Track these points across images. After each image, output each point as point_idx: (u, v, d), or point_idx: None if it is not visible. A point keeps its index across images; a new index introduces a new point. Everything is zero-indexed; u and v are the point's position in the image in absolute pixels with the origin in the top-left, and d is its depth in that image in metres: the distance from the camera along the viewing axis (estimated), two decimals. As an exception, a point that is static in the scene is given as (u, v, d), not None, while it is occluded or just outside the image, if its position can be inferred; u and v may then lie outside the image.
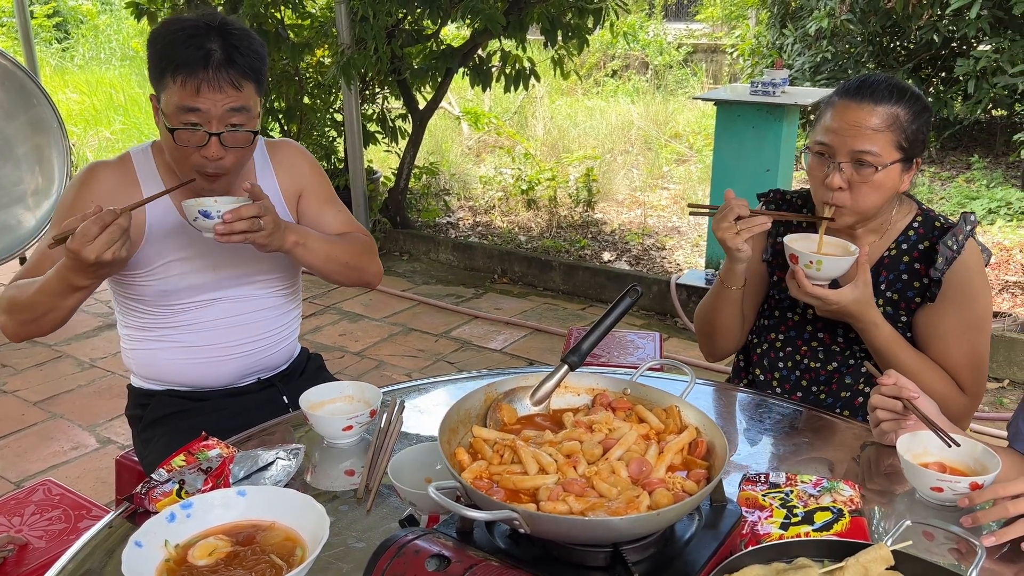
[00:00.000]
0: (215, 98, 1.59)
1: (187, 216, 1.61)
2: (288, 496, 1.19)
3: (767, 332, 1.87)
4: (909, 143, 1.62)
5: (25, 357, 3.93)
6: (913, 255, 1.71)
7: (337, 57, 4.88)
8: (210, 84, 1.58)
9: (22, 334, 1.70)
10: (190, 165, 1.66)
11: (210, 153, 1.62)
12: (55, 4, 12.16)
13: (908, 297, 1.71)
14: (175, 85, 1.59)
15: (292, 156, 1.94)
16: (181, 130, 1.61)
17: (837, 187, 1.62)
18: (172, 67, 1.59)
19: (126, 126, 8.48)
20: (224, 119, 1.61)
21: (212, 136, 1.61)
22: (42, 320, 1.65)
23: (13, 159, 4.61)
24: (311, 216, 1.94)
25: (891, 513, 1.30)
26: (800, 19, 7.08)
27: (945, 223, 1.70)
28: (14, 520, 1.83)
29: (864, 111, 1.60)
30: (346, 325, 4.34)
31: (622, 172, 6.70)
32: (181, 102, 1.59)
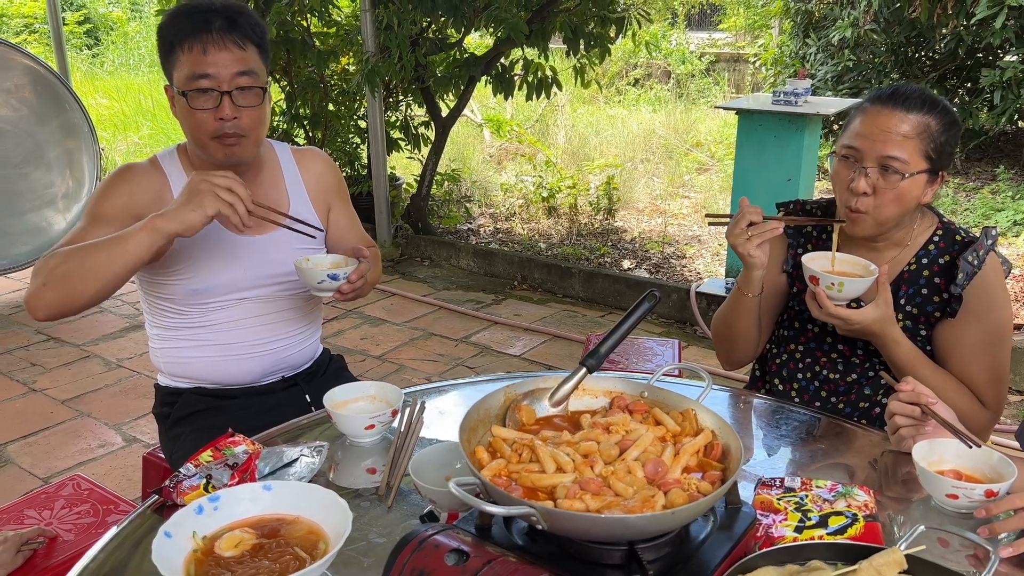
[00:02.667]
0: (221, 58, 1.68)
1: (307, 280, 1.73)
2: (313, 491, 1.22)
3: (786, 343, 1.88)
4: (937, 155, 1.62)
5: (54, 356, 4.01)
6: (933, 269, 1.70)
7: (362, 65, 4.94)
8: (215, 44, 1.68)
9: (58, 300, 1.61)
10: (208, 134, 1.72)
11: (224, 113, 1.70)
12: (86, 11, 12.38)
13: (928, 312, 1.71)
14: (184, 54, 1.69)
15: (320, 164, 2.01)
16: (194, 93, 1.68)
17: (862, 191, 1.61)
18: (179, 39, 1.69)
19: (154, 131, 8.62)
20: (233, 81, 1.69)
21: (224, 96, 1.69)
22: (90, 276, 1.58)
23: (44, 163, 4.71)
24: (341, 229, 2.03)
25: (906, 519, 1.31)
26: (823, 29, 7.08)
27: (966, 236, 1.70)
28: (44, 513, 1.87)
29: (896, 117, 1.60)
30: (367, 329, 4.39)
31: (643, 180, 6.71)
32: (192, 69, 1.68)
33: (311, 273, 1.72)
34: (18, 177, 4.61)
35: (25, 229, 4.67)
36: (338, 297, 1.75)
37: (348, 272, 1.73)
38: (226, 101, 1.69)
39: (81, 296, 1.61)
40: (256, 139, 1.78)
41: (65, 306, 1.63)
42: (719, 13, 11.39)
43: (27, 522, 1.83)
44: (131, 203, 1.76)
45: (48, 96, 4.71)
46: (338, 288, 1.73)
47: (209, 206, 1.54)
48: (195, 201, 1.54)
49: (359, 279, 1.74)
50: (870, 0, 6.15)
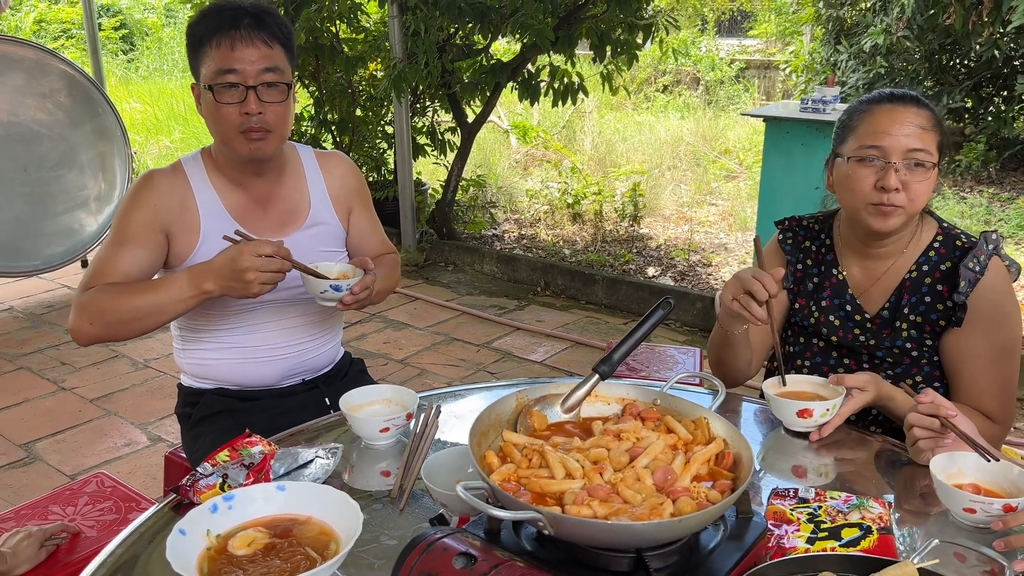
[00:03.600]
0: (248, 54, 1.71)
1: (311, 290, 1.75)
2: (325, 492, 1.23)
3: (793, 359, 1.85)
4: (945, 147, 1.66)
5: (83, 356, 4.09)
6: (935, 276, 1.68)
7: (389, 71, 4.98)
8: (243, 40, 1.71)
9: (104, 337, 1.73)
10: (234, 128, 1.75)
11: (249, 108, 1.73)
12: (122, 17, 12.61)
13: (932, 320, 1.68)
14: (212, 50, 1.72)
15: (342, 168, 2.03)
16: (221, 87, 1.72)
17: (894, 187, 1.59)
18: (208, 35, 1.73)
19: (185, 135, 8.75)
20: (259, 77, 1.73)
21: (249, 90, 1.72)
22: (137, 323, 1.70)
23: (78, 165, 4.81)
24: (361, 233, 2.04)
25: (923, 533, 1.29)
26: (855, 36, 7.01)
27: (967, 242, 1.68)
28: (68, 510, 1.91)
29: (911, 112, 1.62)
30: (390, 333, 4.42)
31: (670, 188, 6.69)
32: (219, 65, 1.72)
33: (315, 283, 1.73)
34: (52, 179, 4.70)
35: (58, 230, 4.76)
36: (340, 308, 1.77)
37: (352, 284, 1.74)
38: (251, 96, 1.72)
39: (124, 337, 1.77)
40: (280, 135, 1.81)
41: (108, 341, 1.79)
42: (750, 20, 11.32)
43: (51, 518, 1.87)
44: (155, 217, 1.80)
45: (82, 100, 4.80)
46: (341, 299, 1.74)
47: (255, 291, 1.63)
48: (242, 285, 1.62)
49: (362, 291, 1.75)
50: (903, 7, 6.09)
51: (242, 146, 1.77)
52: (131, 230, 1.78)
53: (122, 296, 1.70)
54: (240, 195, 1.87)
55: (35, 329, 4.45)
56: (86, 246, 4.88)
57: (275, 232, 1.86)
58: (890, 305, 1.72)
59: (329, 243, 1.97)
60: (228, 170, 1.86)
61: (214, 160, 1.88)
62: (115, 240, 1.79)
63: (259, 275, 1.60)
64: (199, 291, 1.65)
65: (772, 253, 1.89)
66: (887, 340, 1.71)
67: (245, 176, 1.86)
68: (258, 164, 1.84)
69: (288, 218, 1.91)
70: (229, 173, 1.86)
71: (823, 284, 1.80)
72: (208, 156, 1.89)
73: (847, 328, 1.76)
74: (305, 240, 1.88)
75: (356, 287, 1.74)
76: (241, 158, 1.80)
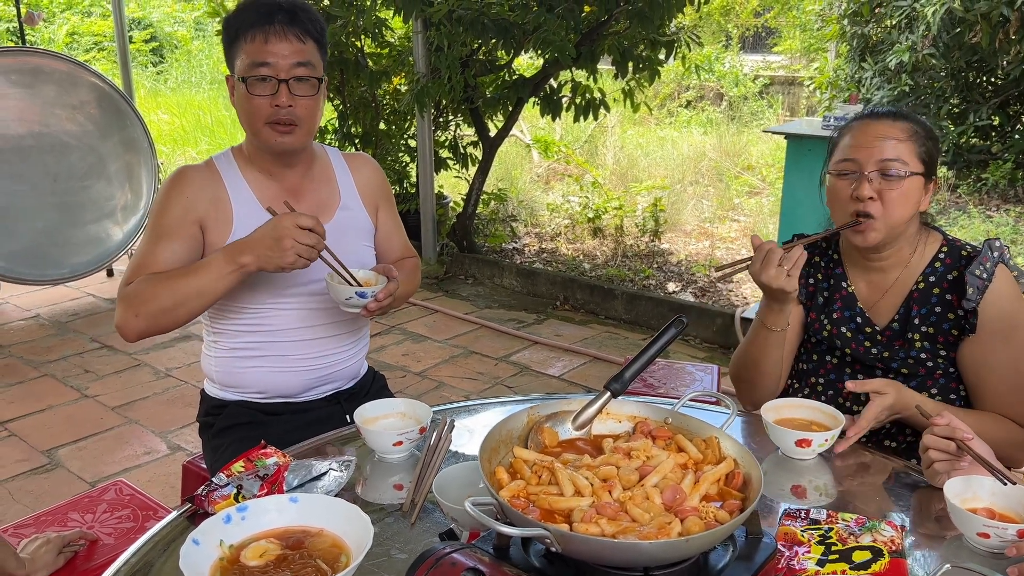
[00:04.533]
0: (281, 48, 1.75)
1: (336, 296, 1.77)
2: (337, 505, 1.24)
3: (807, 376, 1.85)
4: (929, 158, 1.67)
5: (106, 364, 4.14)
6: (943, 286, 1.69)
7: (413, 85, 5.03)
8: (276, 34, 1.75)
9: (150, 328, 1.75)
10: (263, 118, 1.79)
11: (280, 100, 1.77)
12: (152, 30, 12.84)
13: (944, 330, 1.68)
14: (246, 43, 1.77)
15: (369, 169, 2.08)
16: (253, 79, 1.76)
17: (867, 196, 1.63)
18: (243, 29, 1.77)
19: (211, 147, 8.87)
20: (291, 71, 1.77)
21: (281, 83, 1.76)
22: (180, 309, 1.72)
23: (106, 176, 4.89)
24: (386, 231, 2.08)
25: (936, 557, 1.28)
26: (880, 53, 6.97)
27: (972, 251, 1.69)
28: (87, 517, 1.94)
29: (885, 125, 1.66)
30: (410, 345, 4.44)
31: (691, 203, 6.67)
32: (252, 57, 1.76)
33: (339, 290, 1.75)
34: (80, 189, 4.78)
35: (86, 240, 4.84)
36: (364, 314, 1.79)
37: (376, 291, 1.77)
38: (283, 89, 1.77)
39: (172, 326, 1.78)
40: (308, 129, 1.85)
41: (155, 332, 1.79)
42: (774, 36, 11.31)
43: (70, 525, 1.89)
44: (189, 210, 1.83)
45: (111, 112, 4.89)
46: (365, 306, 1.77)
47: (290, 262, 1.65)
48: (278, 253, 1.64)
49: (386, 298, 1.78)
50: (929, 24, 6.05)
51: (270, 136, 1.81)
52: (166, 224, 1.82)
53: (162, 284, 1.73)
54: (272, 186, 1.90)
55: (60, 336, 4.52)
56: (112, 255, 4.95)
57: None
58: (899, 317, 1.73)
59: (360, 236, 2.00)
60: (259, 162, 1.89)
61: (245, 155, 1.92)
62: (152, 235, 1.83)
63: (296, 245, 1.63)
64: (236, 265, 1.68)
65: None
66: (900, 352, 1.71)
67: (276, 167, 1.90)
68: (288, 155, 1.88)
69: (319, 210, 1.93)
70: (260, 165, 1.90)
71: (833, 297, 1.82)
72: (239, 153, 1.93)
73: (858, 341, 1.76)
74: (337, 230, 1.89)
75: (380, 294, 1.77)
76: (269, 148, 1.84)
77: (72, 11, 12.59)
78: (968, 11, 5.82)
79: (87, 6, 12.74)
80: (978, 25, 5.86)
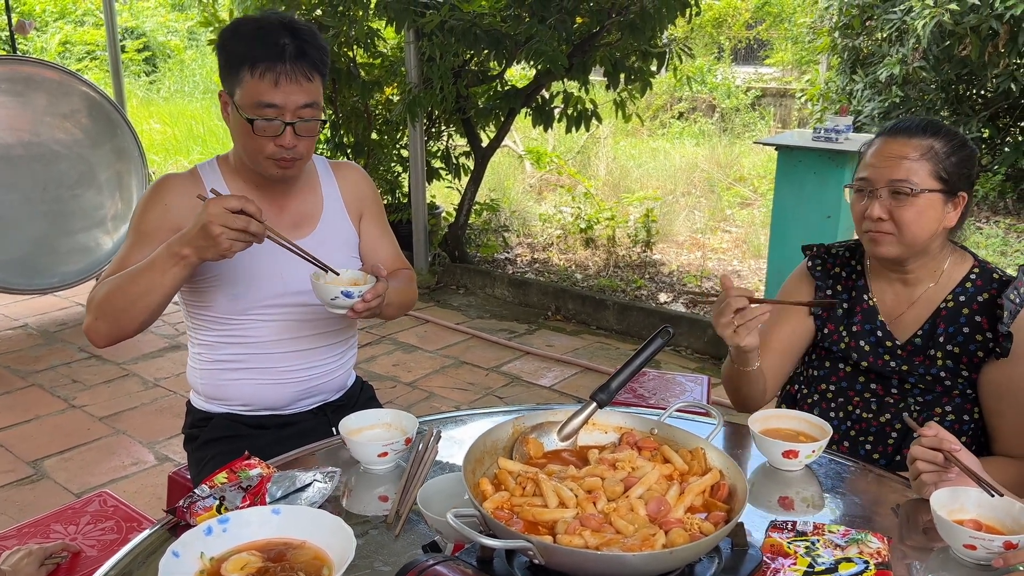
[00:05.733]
0: (291, 90, 1.71)
1: (321, 296, 1.71)
2: (319, 517, 1.23)
3: (817, 383, 1.85)
4: (949, 174, 1.66)
5: (95, 374, 4.12)
6: (973, 307, 1.69)
7: (405, 95, 5.03)
8: (287, 76, 1.70)
9: (112, 330, 1.71)
10: (266, 154, 1.77)
11: (286, 142, 1.74)
12: (145, 39, 12.83)
13: (970, 351, 1.68)
14: (253, 78, 1.71)
15: (355, 177, 2.05)
16: (259, 121, 1.73)
17: (876, 216, 1.66)
18: (250, 61, 1.71)
19: (203, 156, 8.85)
20: (297, 112, 1.74)
21: (287, 126, 1.73)
22: (132, 308, 1.67)
23: (96, 185, 4.87)
24: (371, 241, 2.04)
25: (922, 569, 1.27)
26: (871, 65, 7.01)
27: (1003, 275, 1.69)
28: (70, 528, 1.91)
29: (899, 143, 1.67)
30: (400, 355, 4.42)
31: (683, 214, 6.68)
32: (260, 96, 1.71)
33: (325, 289, 1.69)
34: (70, 198, 4.76)
35: (75, 248, 4.82)
36: (351, 316, 1.72)
37: (363, 291, 1.69)
38: (289, 131, 1.74)
39: (130, 327, 1.72)
40: (307, 159, 1.85)
41: (119, 335, 1.74)
42: (766, 48, 11.37)
43: (53, 536, 1.87)
44: (168, 216, 1.80)
45: (102, 121, 4.88)
46: (352, 307, 1.70)
47: (225, 248, 1.58)
48: (210, 241, 1.57)
49: (374, 298, 1.70)
50: (919, 37, 6.09)
51: (270, 169, 1.79)
52: (144, 230, 1.80)
53: (115, 285, 1.69)
54: (256, 197, 1.86)
55: (48, 346, 4.49)
56: (101, 264, 4.93)
57: (289, 235, 1.85)
58: (923, 333, 1.73)
59: (342, 247, 1.97)
60: (247, 174, 1.87)
61: (230, 165, 1.90)
62: (133, 239, 1.81)
63: (225, 230, 1.55)
64: (177, 258, 1.61)
65: (801, 278, 1.92)
66: (920, 367, 1.72)
67: (264, 179, 1.88)
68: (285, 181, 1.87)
69: (302, 220, 1.92)
70: (248, 177, 1.88)
71: (854, 309, 1.82)
72: (224, 162, 1.91)
73: (877, 354, 1.76)
74: (318, 243, 1.88)
75: (368, 294, 1.69)
76: (269, 177, 1.83)
77: (65, 20, 12.58)
78: (958, 24, 5.86)
79: (80, 15, 12.74)
80: (968, 38, 5.91)
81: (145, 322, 1.71)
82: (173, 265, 1.63)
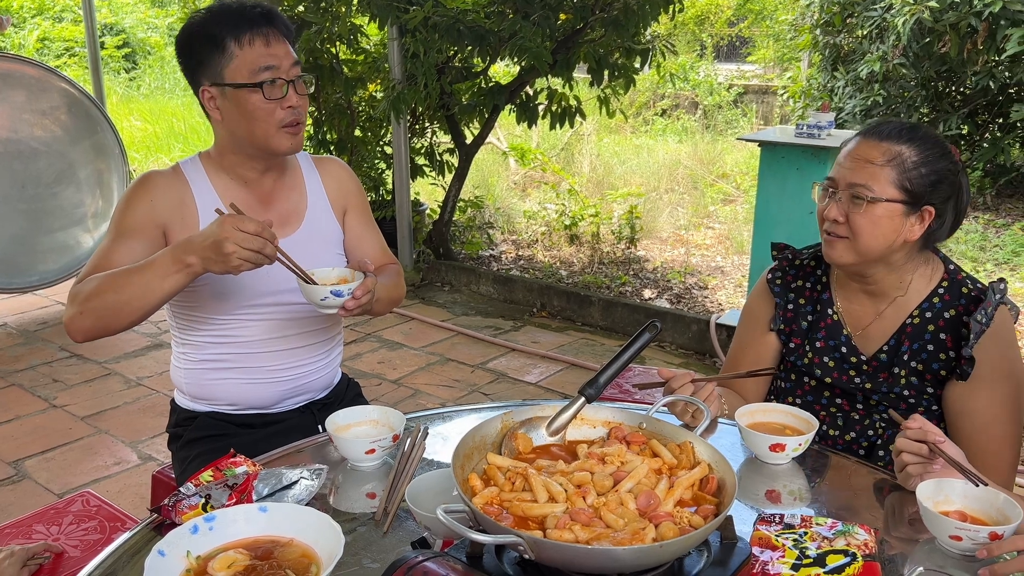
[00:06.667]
0: (281, 50, 1.73)
1: (310, 297, 1.67)
2: (307, 514, 1.23)
3: (785, 395, 1.82)
4: (913, 185, 1.58)
5: (76, 373, 4.07)
6: (939, 324, 1.64)
7: (388, 92, 5.01)
8: (275, 37, 1.73)
9: (96, 327, 1.67)
10: (277, 124, 1.75)
11: (293, 101, 1.74)
12: (125, 36, 12.70)
13: (934, 369, 1.64)
14: (243, 48, 1.71)
15: (339, 172, 2.03)
16: (267, 84, 1.72)
17: (832, 218, 1.62)
18: (234, 33, 1.71)
19: (185, 153, 8.79)
20: (291, 71, 1.75)
21: (289, 84, 1.74)
22: (126, 308, 1.63)
23: (75, 182, 4.82)
24: (355, 235, 2.02)
25: (908, 560, 1.28)
26: (852, 62, 7.06)
27: (973, 288, 1.64)
28: (52, 529, 1.89)
29: (867, 146, 1.62)
30: (385, 353, 4.41)
31: (667, 210, 6.71)
32: (256, 62, 1.71)
33: (314, 291, 1.65)
34: (49, 196, 4.71)
35: (54, 247, 4.77)
36: (343, 314, 1.70)
37: (353, 288, 1.65)
38: (292, 89, 1.75)
39: (118, 326, 1.68)
40: (304, 127, 1.84)
41: (103, 333, 1.70)
42: (748, 45, 11.42)
43: (35, 537, 1.85)
44: (152, 212, 1.78)
45: (82, 118, 4.82)
46: (343, 305, 1.67)
47: (235, 265, 1.55)
48: (221, 257, 1.54)
49: (364, 295, 1.67)
50: (899, 35, 6.13)
51: (283, 141, 1.78)
52: (127, 224, 1.77)
53: (108, 281, 1.64)
54: (241, 194, 1.85)
55: (28, 346, 4.44)
56: (82, 263, 4.87)
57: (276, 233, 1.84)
58: (889, 349, 1.68)
59: (327, 245, 1.95)
60: (234, 168, 1.85)
61: (214, 161, 1.87)
62: (111, 235, 1.78)
63: (239, 249, 1.52)
64: (182, 265, 1.58)
65: (762, 296, 1.87)
66: (884, 385, 1.68)
67: (253, 173, 1.86)
68: (271, 159, 1.85)
69: (287, 218, 1.91)
70: (234, 171, 1.86)
71: (818, 324, 1.77)
72: (207, 158, 1.89)
73: (842, 370, 1.73)
74: (303, 241, 1.87)
75: (358, 291, 1.66)
76: (277, 154, 1.81)
77: (43, 16, 12.43)
78: (937, 22, 5.91)
79: (58, 11, 12.59)
80: (947, 35, 5.96)
81: (134, 323, 1.68)
82: (176, 272, 1.60)
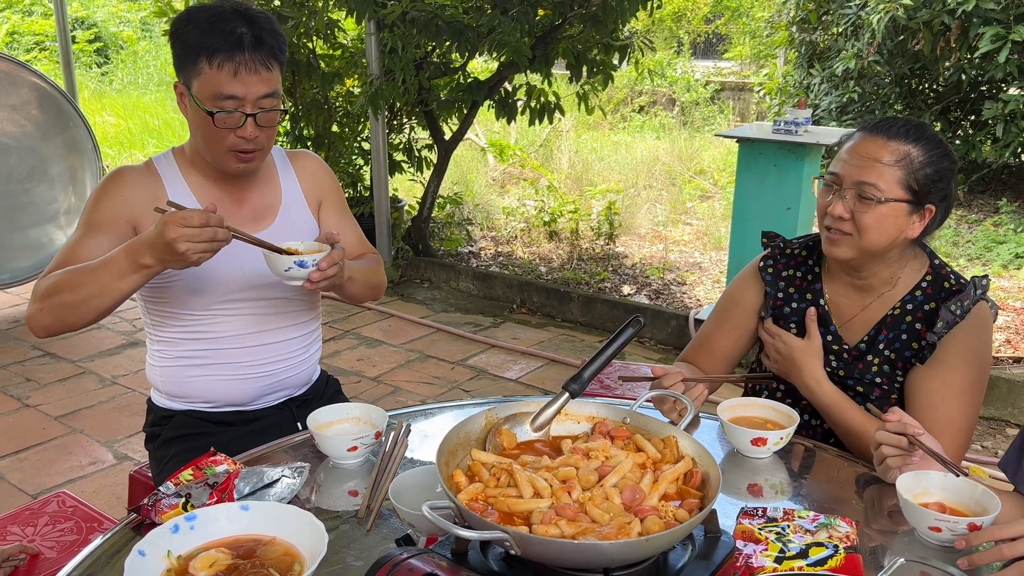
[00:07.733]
0: (251, 80, 1.66)
1: (275, 268, 1.64)
2: (289, 512, 1.22)
3: (770, 380, 1.85)
4: (920, 185, 1.60)
5: (49, 372, 4.01)
6: (917, 316, 1.66)
7: (366, 87, 4.98)
8: (247, 66, 1.66)
9: (56, 324, 1.65)
10: (226, 146, 1.72)
11: (247, 133, 1.70)
12: (97, 30, 12.53)
13: (905, 357, 1.67)
14: (211, 69, 1.66)
15: (313, 165, 2.01)
16: (220, 113, 1.68)
17: (838, 215, 1.62)
18: (208, 51, 1.65)
19: (158, 149, 8.67)
20: (257, 103, 1.69)
21: (248, 117, 1.69)
22: (84, 307, 1.61)
23: (47, 179, 4.75)
24: (331, 227, 1.99)
25: (889, 552, 1.30)
26: (827, 60, 7.12)
27: (954, 284, 1.66)
28: (27, 530, 1.86)
29: (876, 144, 1.60)
30: (364, 350, 4.38)
31: (645, 207, 6.73)
32: (219, 88, 1.66)
33: (278, 260, 1.61)
34: (21, 192, 4.64)
35: (26, 244, 4.69)
36: (308, 287, 1.65)
37: (318, 259, 1.61)
38: (250, 122, 1.69)
39: (77, 324, 1.66)
40: (267, 151, 1.81)
41: (64, 329, 1.68)
42: (725, 42, 11.48)
43: (9, 538, 1.82)
44: (123, 208, 1.76)
45: (53, 113, 4.75)
46: (307, 277, 1.63)
47: (194, 260, 1.53)
48: (177, 256, 1.51)
49: (330, 266, 1.63)
50: (874, 32, 6.20)
51: (231, 164, 1.75)
52: (96, 219, 1.74)
53: (67, 278, 1.62)
54: (214, 191, 1.83)
55: (0, 344, 4.37)
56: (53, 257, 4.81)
57: (248, 228, 1.82)
58: (868, 339, 1.70)
59: (304, 238, 1.92)
60: (205, 167, 1.83)
61: (187, 157, 1.85)
62: (80, 229, 1.75)
63: (192, 246, 1.50)
64: (138, 266, 1.56)
65: (751, 277, 1.87)
66: (858, 372, 1.70)
67: (222, 173, 1.83)
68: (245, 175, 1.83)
69: (261, 213, 1.89)
70: (205, 170, 1.83)
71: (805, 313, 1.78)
72: (180, 154, 1.86)
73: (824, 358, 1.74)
74: (278, 235, 1.83)
75: (323, 263, 1.62)
76: (229, 171, 1.78)
77: (12, 10, 12.23)
78: (911, 19, 5.98)
79: (28, 4, 12.39)
80: (920, 33, 6.03)
81: (92, 321, 1.66)
82: (133, 272, 1.57)
